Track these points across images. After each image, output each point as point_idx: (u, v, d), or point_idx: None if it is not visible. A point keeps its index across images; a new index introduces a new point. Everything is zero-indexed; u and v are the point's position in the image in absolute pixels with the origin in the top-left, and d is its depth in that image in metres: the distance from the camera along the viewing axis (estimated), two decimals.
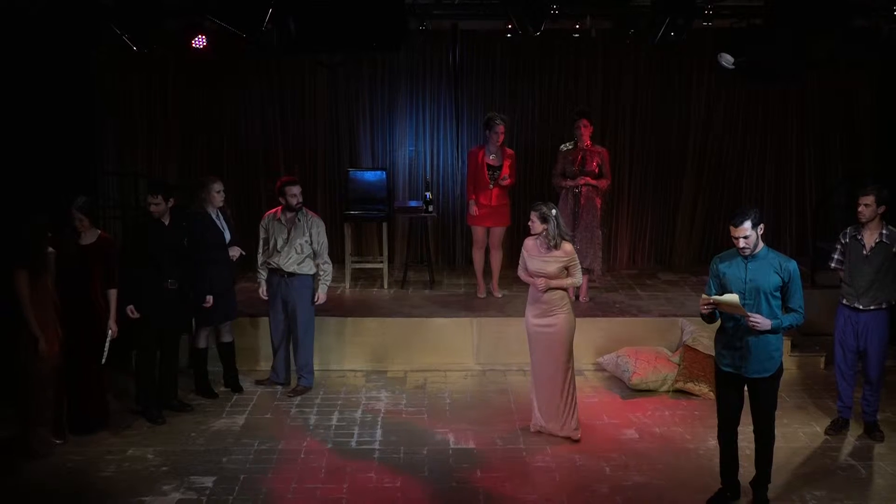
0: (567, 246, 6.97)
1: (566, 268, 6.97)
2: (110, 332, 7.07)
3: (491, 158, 9.19)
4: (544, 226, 6.90)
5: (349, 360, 8.79)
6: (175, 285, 7.39)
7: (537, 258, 6.98)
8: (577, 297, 9.40)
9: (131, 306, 7.31)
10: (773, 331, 5.72)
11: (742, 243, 5.72)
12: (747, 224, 5.67)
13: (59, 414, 6.98)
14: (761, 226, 5.75)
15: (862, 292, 6.98)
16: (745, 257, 5.77)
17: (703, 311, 5.79)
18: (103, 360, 7.05)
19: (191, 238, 7.59)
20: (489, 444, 7.07)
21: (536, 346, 7.13)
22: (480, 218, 9.31)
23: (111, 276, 7.14)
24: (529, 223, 6.96)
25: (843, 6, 7.58)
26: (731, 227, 5.74)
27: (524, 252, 7.07)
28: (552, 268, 6.93)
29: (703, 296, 5.76)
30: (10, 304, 6.59)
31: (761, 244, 5.79)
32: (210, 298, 7.64)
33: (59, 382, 6.86)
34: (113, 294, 7.14)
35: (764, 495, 6.04)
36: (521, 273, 7.17)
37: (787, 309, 5.79)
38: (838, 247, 7.20)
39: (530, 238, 7.06)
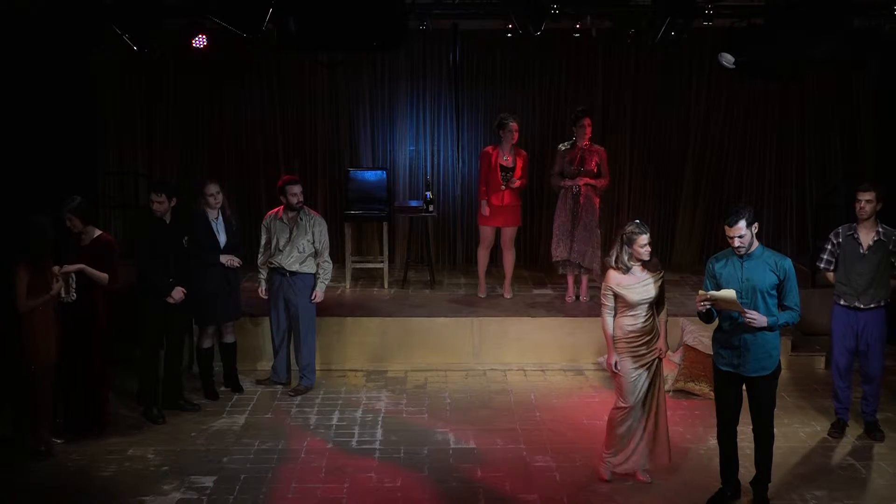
0: (655, 259, 6.26)
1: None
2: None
3: (505, 160, 9.17)
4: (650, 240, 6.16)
5: (349, 360, 8.79)
6: (174, 284, 7.39)
7: (638, 286, 6.11)
8: (577, 297, 9.42)
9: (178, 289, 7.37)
10: (770, 328, 5.72)
11: (737, 242, 5.73)
12: (742, 223, 5.68)
13: (55, 413, 6.98)
14: (755, 224, 5.75)
15: (861, 291, 6.98)
16: (741, 256, 5.78)
17: (700, 309, 5.80)
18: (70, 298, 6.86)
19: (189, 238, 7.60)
20: (489, 443, 7.07)
21: (656, 384, 6.29)
22: (491, 218, 9.29)
23: (112, 276, 7.11)
24: (640, 248, 6.06)
25: (843, 6, 7.58)
26: (726, 227, 5.74)
27: (615, 288, 6.11)
28: (654, 289, 6.17)
29: (700, 292, 5.77)
30: (9, 304, 6.60)
31: (756, 243, 5.80)
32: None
33: (58, 382, 6.86)
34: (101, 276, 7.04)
35: (764, 495, 6.04)
36: (608, 319, 6.20)
37: (782, 307, 5.79)
38: (828, 247, 7.16)
39: (613, 271, 6.16)
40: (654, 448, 6.34)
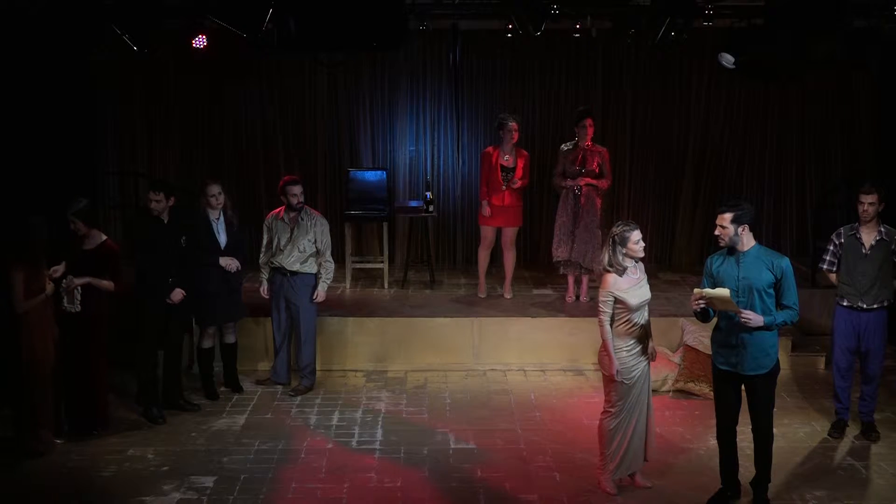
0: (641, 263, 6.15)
1: None
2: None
3: (505, 160, 9.16)
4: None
5: (350, 360, 8.79)
6: (174, 284, 7.39)
7: (635, 288, 6.00)
8: (577, 298, 9.42)
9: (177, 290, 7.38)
10: (767, 327, 5.72)
11: (718, 231, 5.78)
12: (729, 215, 5.71)
13: (58, 414, 6.98)
14: (745, 226, 5.73)
15: (865, 291, 6.97)
16: (736, 255, 5.77)
17: (695, 308, 5.80)
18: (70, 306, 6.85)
19: (188, 237, 7.60)
20: (489, 443, 7.07)
21: (646, 384, 6.24)
22: (492, 218, 9.28)
23: (116, 284, 7.07)
24: (635, 245, 5.98)
25: (843, 6, 7.58)
26: (718, 213, 5.79)
27: (616, 294, 5.95)
28: (648, 290, 6.11)
29: (695, 290, 5.76)
30: (8, 304, 6.60)
31: (752, 242, 5.80)
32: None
33: (57, 382, 6.86)
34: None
35: (764, 495, 6.04)
36: (608, 326, 6.01)
37: (781, 306, 5.79)
38: (831, 248, 7.16)
39: (611, 275, 5.99)
40: (645, 446, 6.29)
